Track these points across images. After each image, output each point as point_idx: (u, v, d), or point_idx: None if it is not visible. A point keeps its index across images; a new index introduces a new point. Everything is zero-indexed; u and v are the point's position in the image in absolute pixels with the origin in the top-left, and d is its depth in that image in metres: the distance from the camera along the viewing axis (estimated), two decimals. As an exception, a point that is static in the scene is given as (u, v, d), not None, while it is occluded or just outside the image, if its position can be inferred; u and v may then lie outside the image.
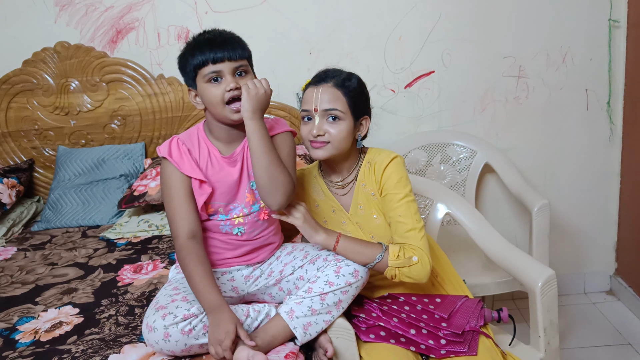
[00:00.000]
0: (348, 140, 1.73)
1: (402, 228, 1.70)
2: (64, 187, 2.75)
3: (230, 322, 1.42)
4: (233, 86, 1.57)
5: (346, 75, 1.75)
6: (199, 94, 1.63)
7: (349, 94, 1.72)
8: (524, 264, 1.96)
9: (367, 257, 1.65)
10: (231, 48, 1.59)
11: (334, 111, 1.69)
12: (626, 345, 2.72)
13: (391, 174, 1.74)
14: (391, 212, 1.73)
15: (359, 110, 1.75)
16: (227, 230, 1.68)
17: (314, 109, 1.70)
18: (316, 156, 1.73)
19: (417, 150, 2.90)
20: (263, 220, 1.72)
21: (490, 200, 3.07)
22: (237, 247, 1.71)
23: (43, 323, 1.77)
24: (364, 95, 1.78)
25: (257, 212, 1.70)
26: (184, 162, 1.62)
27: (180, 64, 1.65)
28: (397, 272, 1.66)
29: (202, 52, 1.57)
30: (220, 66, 1.57)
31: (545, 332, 1.86)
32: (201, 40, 1.61)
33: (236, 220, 1.68)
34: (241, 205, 1.68)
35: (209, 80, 1.58)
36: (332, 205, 1.83)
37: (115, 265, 2.18)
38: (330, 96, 1.70)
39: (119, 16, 2.85)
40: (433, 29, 2.85)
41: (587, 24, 2.86)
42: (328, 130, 1.70)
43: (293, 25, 2.85)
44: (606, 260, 3.20)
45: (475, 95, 2.95)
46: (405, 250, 1.66)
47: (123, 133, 2.91)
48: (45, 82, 2.86)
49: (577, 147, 3.02)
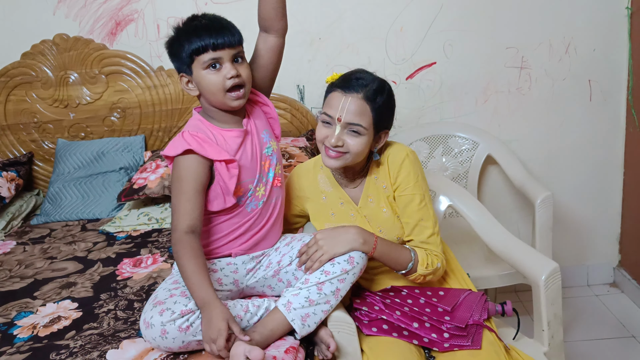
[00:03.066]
0: (364, 153, 1.71)
1: (425, 233, 1.73)
2: (63, 180, 2.73)
3: (221, 319, 1.37)
4: (234, 73, 1.55)
5: (378, 85, 1.68)
6: (194, 80, 1.60)
7: (377, 109, 1.66)
8: (528, 256, 1.94)
9: (400, 264, 1.69)
10: (230, 34, 1.57)
11: (357, 127, 1.64)
12: (630, 338, 2.70)
13: (409, 173, 1.72)
14: (412, 214, 1.73)
15: (382, 125, 1.70)
16: (253, 208, 1.67)
17: (338, 119, 1.64)
18: (329, 165, 1.70)
19: (418, 142, 2.87)
20: (277, 187, 1.72)
21: (493, 193, 3.05)
22: (254, 226, 1.70)
23: (41, 318, 1.76)
24: (391, 109, 1.72)
25: (272, 179, 1.70)
26: (206, 149, 1.58)
27: (171, 50, 1.61)
28: (423, 277, 1.71)
29: (200, 37, 1.54)
30: (220, 53, 1.55)
31: (549, 326, 1.84)
32: (198, 25, 1.57)
33: (259, 193, 1.67)
34: (260, 174, 1.67)
35: (207, 67, 1.56)
36: (340, 197, 1.81)
37: (114, 259, 2.17)
38: (357, 109, 1.63)
39: (118, 8, 2.83)
40: (435, 19, 2.82)
41: (591, 14, 2.83)
42: (346, 142, 1.66)
43: (293, 16, 2.79)
44: (609, 252, 3.19)
45: (478, 87, 2.92)
46: (431, 257, 1.70)
47: (123, 126, 2.89)
48: (44, 75, 2.84)
49: (580, 139, 2.99)
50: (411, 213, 1.72)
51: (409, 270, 1.69)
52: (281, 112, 2.80)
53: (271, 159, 1.70)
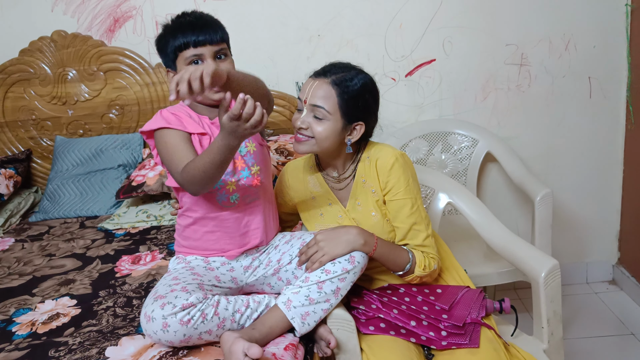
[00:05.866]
0: (332, 141, 1.68)
1: (420, 237, 1.72)
2: (61, 177, 2.73)
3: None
4: None
5: (351, 75, 1.67)
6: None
7: (344, 95, 1.65)
8: (527, 254, 1.94)
9: (398, 265, 1.69)
10: (212, 32, 1.62)
11: (319, 109, 1.65)
12: (629, 335, 2.70)
13: (399, 178, 1.70)
14: (405, 220, 1.72)
15: (353, 114, 1.68)
16: (224, 201, 1.68)
17: (304, 101, 1.67)
18: (297, 150, 1.71)
19: (418, 139, 2.87)
20: (256, 186, 1.71)
21: (492, 190, 3.05)
22: (237, 226, 1.71)
23: (40, 315, 1.76)
24: (364, 100, 1.69)
25: (248, 177, 1.68)
26: (183, 123, 1.64)
27: (159, 45, 1.67)
28: (419, 279, 1.71)
29: (183, 34, 1.59)
30: (201, 49, 1.60)
31: (549, 323, 1.84)
32: (183, 22, 1.62)
33: (230, 187, 1.67)
34: (230, 170, 1.67)
35: (189, 63, 1.61)
36: (328, 198, 1.81)
37: (113, 256, 2.17)
38: (322, 92, 1.65)
39: (116, 4, 2.82)
40: (434, 16, 2.82)
41: (591, 11, 2.82)
42: (312, 126, 1.66)
43: (292, 13, 2.82)
44: (609, 249, 3.18)
45: (477, 84, 2.91)
46: (428, 259, 1.70)
47: (121, 123, 2.88)
48: (42, 72, 2.83)
49: (580, 136, 2.99)
50: (404, 219, 1.72)
51: (407, 271, 1.69)
52: (280, 109, 2.80)
53: (246, 159, 1.70)
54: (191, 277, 1.59)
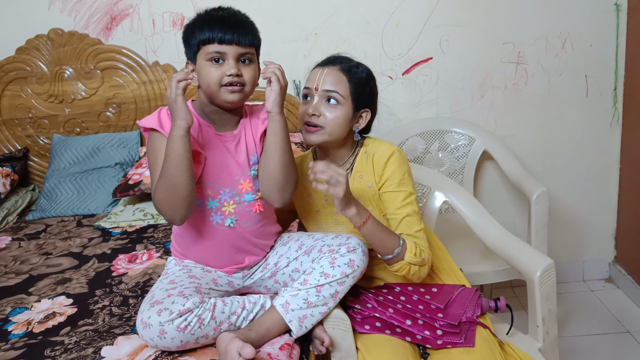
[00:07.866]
0: (344, 128, 1.70)
1: (413, 227, 1.70)
2: (58, 175, 2.73)
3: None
4: (234, 72, 1.51)
5: (356, 63, 1.75)
6: (196, 69, 1.56)
7: (354, 81, 1.70)
8: (523, 252, 1.94)
9: (387, 247, 1.64)
10: (242, 32, 1.53)
11: (334, 93, 1.67)
12: (625, 334, 2.71)
13: (394, 171, 1.71)
14: (397, 210, 1.71)
15: (361, 100, 1.72)
16: (218, 222, 1.62)
17: (315, 88, 1.69)
18: (309, 141, 1.70)
19: (414, 138, 2.87)
20: (257, 212, 1.66)
21: (489, 188, 3.05)
22: (230, 249, 1.66)
23: (36, 314, 1.76)
24: (370, 87, 1.76)
25: (249, 202, 1.64)
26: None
27: (185, 35, 1.58)
28: (409, 268, 1.66)
29: (211, 28, 1.51)
30: (225, 48, 1.51)
31: (544, 322, 1.84)
32: (214, 15, 1.54)
33: (227, 210, 1.62)
34: (233, 191, 1.62)
35: (210, 59, 1.52)
36: (325, 194, 1.81)
37: (109, 254, 2.17)
38: (334, 78, 1.69)
39: (113, 2, 2.81)
40: (431, 14, 2.82)
41: (587, 10, 2.83)
42: (324, 113, 1.68)
43: (289, 11, 2.82)
44: (605, 247, 3.19)
45: (474, 82, 2.92)
46: (419, 248, 1.67)
47: (118, 121, 2.88)
48: (39, 70, 2.83)
49: (576, 134, 2.99)
50: (396, 209, 1.71)
51: (396, 255, 1.64)
52: (277, 108, 2.80)
53: (255, 183, 1.64)
54: (188, 281, 1.57)
